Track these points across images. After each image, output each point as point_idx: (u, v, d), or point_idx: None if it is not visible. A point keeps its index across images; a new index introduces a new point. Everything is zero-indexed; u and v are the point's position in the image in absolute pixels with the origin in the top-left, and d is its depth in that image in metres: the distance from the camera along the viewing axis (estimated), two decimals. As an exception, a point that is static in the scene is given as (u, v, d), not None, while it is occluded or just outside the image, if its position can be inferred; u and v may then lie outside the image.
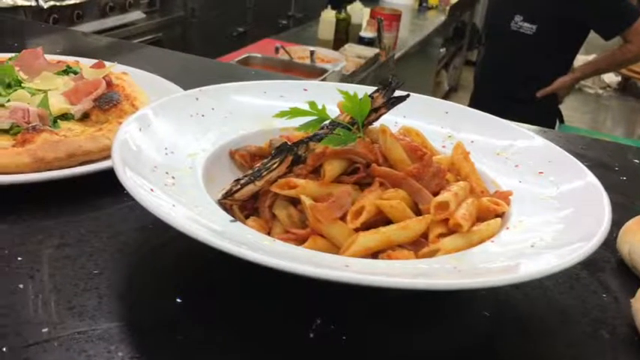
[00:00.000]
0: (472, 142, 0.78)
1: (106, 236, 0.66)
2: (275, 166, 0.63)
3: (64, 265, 0.61)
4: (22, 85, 0.86)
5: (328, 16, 3.15)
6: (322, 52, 2.83)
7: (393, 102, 0.69)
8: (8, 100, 0.81)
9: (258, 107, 0.81)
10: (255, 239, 0.56)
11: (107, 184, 0.73)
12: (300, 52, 2.81)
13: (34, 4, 2.60)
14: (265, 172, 0.63)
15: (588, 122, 3.38)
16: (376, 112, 0.68)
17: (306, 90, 0.86)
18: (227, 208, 0.64)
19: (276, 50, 2.64)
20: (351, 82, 2.87)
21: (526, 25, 2.58)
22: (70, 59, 0.99)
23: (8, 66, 0.87)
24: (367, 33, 3.18)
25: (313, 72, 2.64)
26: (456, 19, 4.61)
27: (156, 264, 0.64)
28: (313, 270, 0.48)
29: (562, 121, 2.85)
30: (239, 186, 0.64)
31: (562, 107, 2.87)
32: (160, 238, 0.67)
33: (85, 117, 0.83)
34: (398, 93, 0.70)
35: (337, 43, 3.13)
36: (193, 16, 3.48)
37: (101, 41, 1.61)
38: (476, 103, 2.91)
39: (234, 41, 3.81)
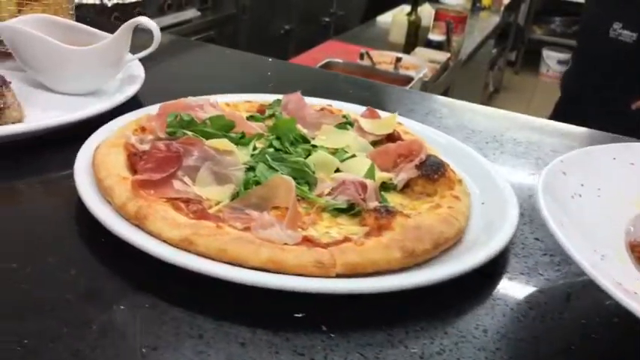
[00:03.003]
0: None
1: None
2: None
3: None
4: (312, 143, 0.69)
5: (400, 18, 2.98)
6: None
7: None
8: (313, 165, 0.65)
9: (620, 181, 0.67)
10: None
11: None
12: (377, 57, 2.65)
13: (97, 2, 2.45)
14: None
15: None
16: None
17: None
18: None
19: (361, 56, 2.47)
20: (433, 87, 2.72)
21: (626, 32, 2.43)
22: (322, 102, 0.82)
23: (291, 120, 0.70)
24: (435, 36, 3.01)
25: (397, 79, 2.48)
26: (503, 19, 4.45)
27: None
28: None
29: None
30: None
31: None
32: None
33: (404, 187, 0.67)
34: None
35: (407, 47, 2.96)
36: (244, 14, 3.32)
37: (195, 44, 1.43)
38: (561, 111, 2.76)
39: (281, 39, 3.65)
